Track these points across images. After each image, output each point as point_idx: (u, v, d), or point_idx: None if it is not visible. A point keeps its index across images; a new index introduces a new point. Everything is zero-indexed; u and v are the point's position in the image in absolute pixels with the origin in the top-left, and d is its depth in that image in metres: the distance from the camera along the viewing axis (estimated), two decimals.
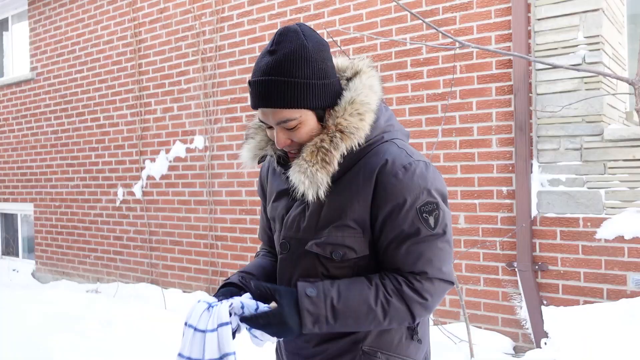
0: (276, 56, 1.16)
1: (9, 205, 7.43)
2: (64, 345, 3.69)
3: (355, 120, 1.19)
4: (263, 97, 1.17)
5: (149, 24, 5.63)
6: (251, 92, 1.20)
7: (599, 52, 3.32)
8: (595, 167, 3.36)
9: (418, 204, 1.17)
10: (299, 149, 1.23)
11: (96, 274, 6.23)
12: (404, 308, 1.18)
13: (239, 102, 4.97)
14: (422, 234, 1.17)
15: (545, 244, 3.53)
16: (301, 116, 1.18)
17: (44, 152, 6.77)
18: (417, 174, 1.18)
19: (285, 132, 1.21)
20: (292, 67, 1.15)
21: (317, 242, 1.23)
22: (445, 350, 3.44)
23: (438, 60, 3.92)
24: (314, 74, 1.18)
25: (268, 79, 1.16)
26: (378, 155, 1.21)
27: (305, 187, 1.19)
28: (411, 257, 1.18)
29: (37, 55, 6.82)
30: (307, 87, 1.17)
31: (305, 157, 1.19)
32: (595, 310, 3.23)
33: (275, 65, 1.16)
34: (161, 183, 5.56)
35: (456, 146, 3.85)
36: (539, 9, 3.50)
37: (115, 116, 5.94)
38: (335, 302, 1.15)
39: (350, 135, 1.18)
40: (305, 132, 1.20)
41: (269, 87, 1.16)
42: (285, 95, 1.15)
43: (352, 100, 1.21)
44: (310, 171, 1.18)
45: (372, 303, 1.16)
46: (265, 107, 1.18)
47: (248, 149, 1.36)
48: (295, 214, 1.29)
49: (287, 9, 4.66)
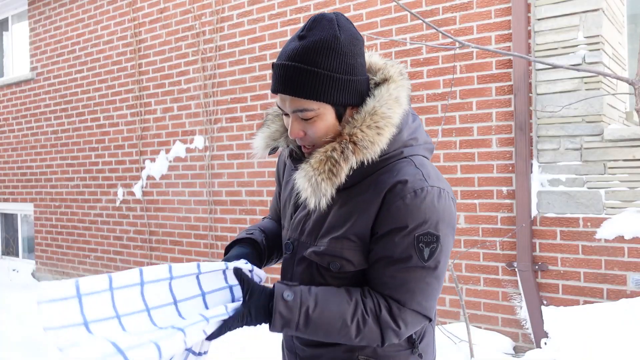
0: (304, 42, 1.11)
1: (9, 205, 7.43)
2: None
3: (371, 134, 1.12)
4: (283, 82, 1.12)
5: (149, 24, 5.63)
6: (273, 76, 1.16)
7: (599, 52, 3.32)
8: (595, 167, 3.36)
9: (417, 232, 1.11)
10: (313, 145, 1.19)
11: (96, 274, 6.22)
12: (378, 331, 1.14)
13: (239, 102, 4.97)
14: (411, 263, 1.12)
15: (545, 244, 3.53)
16: (319, 109, 1.13)
17: (44, 152, 6.77)
18: (426, 202, 1.11)
19: (301, 123, 1.16)
20: (318, 57, 1.10)
21: (316, 251, 1.20)
22: (445, 350, 3.44)
23: (438, 60, 3.92)
24: (341, 68, 1.12)
25: (292, 64, 1.11)
26: (392, 173, 1.15)
27: (308, 195, 1.14)
28: (395, 281, 1.13)
29: (37, 55, 6.82)
30: (331, 80, 1.11)
31: (312, 164, 1.14)
32: (595, 310, 3.23)
33: (302, 51, 1.10)
34: (161, 183, 5.56)
35: (456, 146, 3.85)
36: (539, 9, 3.50)
37: (115, 116, 5.94)
38: (310, 311, 1.12)
39: (362, 150, 1.12)
40: (321, 127, 1.15)
41: (291, 73, 1.10)
42: (306, 85, 1.10)
43: (374, 111, 1.14)
44: (315, 180, 1.13)
45: (347, 319, 1.12)
46: (284, 93, 1.13)
47: (262, 138, 1.30)
48: (301, 216, 1.27)
49: (287, 9, 4.66)
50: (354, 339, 1.14)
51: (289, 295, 1.12)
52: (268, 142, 1.29)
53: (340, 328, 1.13)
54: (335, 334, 1.14)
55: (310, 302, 1.12)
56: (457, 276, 3.79)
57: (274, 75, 1.15)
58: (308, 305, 1.12)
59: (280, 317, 1.11)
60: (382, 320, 1.13)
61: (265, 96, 4.79)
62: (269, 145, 1.29)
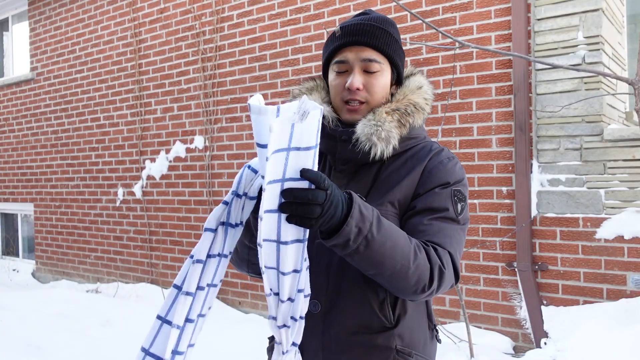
0: (372, 15, 1.28)
1: (9, 205, 7.43)
2: (64, 345, 3.69)
3: (422, 103, 1.29)
4: (360, 33, 1.24)
5: (149, 24, 5.63)
6: (342, 33, 1.25)
7: (599, 52, 3.32)
8: (595, 167, 3.36)
9: (454, 187, 1.24)
10: (362, 103, 1.26)
11: (96, 274, 6.23)
12: (428, 265, 1.12)
13: (239, 102, 4.97)
14: (448, 214, 1.21)
15: (545, 244, 3.53)
16: (384, 64, 1.26)
17: (44, 152, 6.77)
18: (458, 166, 1.27)
19: (363, 76, 1.25)
20: (388, 25, 1.28)
21: None
22: (445, 350, 3.44)
23: (438, 60, 3.92)
24: (400, 41, 1.31)
25: (368, 23, 1.25)
26: (425, 148, 1.29)
27: (378, 139, 1.20)
28: (434, 228, 1.19)
29: (37, 55, 6.82)
30: (397, 45, 1.29)
31: (381, 115, 1.23)
32: (595, 310, 3.23)
33: (375, 17, 1.27)
34: (161, 183, 5.56)
35: (456, 146, 3.85)
36: (539, 9, 3.50)
37: (115, 116, 5.94)
38: (381, 219, 1.07)
39: (421, 111, 1.28)
40: (380, 84, 1.26)
41: (368, 28, 1.24)
42: (381, 38, 1.24)
43: (419, 86, 1.31)
44: (387, 126, 1.21)
45: (407, 240, 1.11)
46: (361, 44, 1.24)
47: None
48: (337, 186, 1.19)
49: (287, 9, 4.66)
50: (411, 265, 1.09)
51: (364, 203, 1.06)
52: None
53: (403, 246, 1.09)
54: (399, 252, 1.08)
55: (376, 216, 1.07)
56: None
57: (347, 31, 1.25)
58: (379, 214, 1.08)
59: (358, 213, 1.02)
60: (430, 256, 1.13)
61: (266, 96, 4.79)
62: None
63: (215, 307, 4.95)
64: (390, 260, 1.07)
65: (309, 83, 1.38)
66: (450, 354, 3.36)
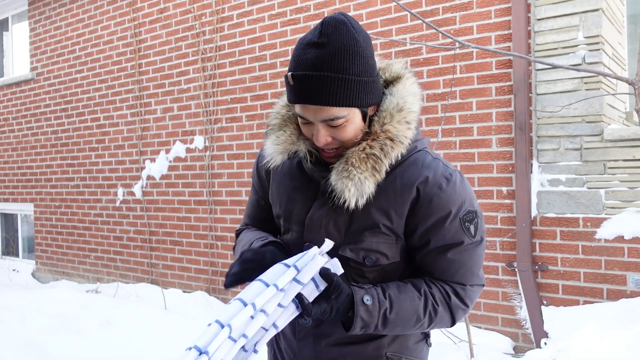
0: (327, 49, 1.08)
1: (9, 205, 7.43)
2: (64, 345, 3.69)
3: (403, 129, 1.17)
4: (310, 93, 1.08)
5: (149, 24, 5.63)
6: (293, 87, 1.11)
7: (599, 52, 3.32)
8: (595, 167, 3.36)
9: (461, 214, 1.18)
10: (337, 148, 1.18)
11: (96, 274, 6.23)
12: (448, 315, 1.21)
13: (239, 102, 4.97)
14: (465, 244, 1.19)
15: (545, 244, 3.53)
16: (349, 114, 1.13)
17: (44, 152, 6.77)
18: (457, 185, 1.19)
19: (328, 130, 1.14)
20: (344, 62, 1.08)
21: (352, 247, 1.20)
22: (445, 350, 3.44)
23: (438, 60, 3.92)
24: (366, 71, 1.12)
25: (318, 74, 1.07)
26: (416, 165, 1.20)
27: (351, 194, 1.14)
28: (454, 266, 1.20)
29: (37, 55, 6.82)
30: (359, 84, 1.10)
31: (354, 164, 1.14)
32: (595, 310, 3.23)
33: (328, 58, 1.07)
34: (161, 183, 5.56)
35: (456, 146, 3.85)
36: (539, 9, 3.50)
37: (115, 116, 5.94)
38: (387, 313, 1.15)
39: (399, 145, 1.16)
40: (350, 131, 1.15)
41: (318, 82, 1.07)
42: (337, 93, 1.08)
43: (400, 107, 1.18)
44: (359, 178, 1.14)
45: (421, 314, 1.18)
46: (312, 104, 1.10)
47: (276, 142, 1.24)
48: (318, 216, 1.23)
49: (287, 9, 4.66)
50: (427, 327, 1.21)
51: (368, 299, 1.14)
52: (286, 147, 1.23)
53: (414, 322, 1.19)
54: (410, 328, 1.20)
55: (386, 304, 1.16)
56: None
57: (297, 87, 1.10)
58: (386, 308, 1.15)
59: (361, 321, 1.13)
60: (452, 305, 1.21)
61: (266, 96, 4.79)
62: (287, 150, 1.24)
63: (215, 307, 4.95)
64: (405, 331, 1.21)
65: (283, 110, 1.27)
66: (450, 354, 3.36)
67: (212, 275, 5.16)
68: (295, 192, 1.29)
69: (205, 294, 5.13)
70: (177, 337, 3.86)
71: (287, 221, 1.31)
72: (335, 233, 1.22)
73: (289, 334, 1.33)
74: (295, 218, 1.28)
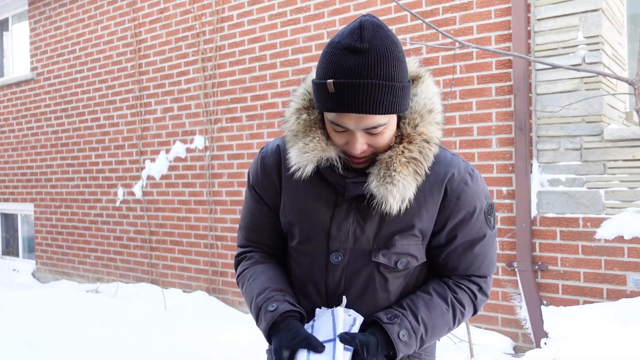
0: (371, 56, 1.02)
1: (9, 205, 7.44)
2: (64, 345, 3.69)
3: (435, 130, 1.17)
4: (356, 101, 1.02)
5: (149, 24, 5.63)
6: (334, 95, 1.03)
7: (599, 52, 3.32)
8: (595, 167, 3.36)
9: (485, 208, 1.22)
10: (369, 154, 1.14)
11: (96, 274, 6.23)
12: (473, 310, 1.27)
13: (239, 102, 4.97)
14: (487, 236, 1.23)
15: (545, 244, 3.53)
16: (389, 121, 1.09)
17: (44, 152, 6.77)
18: (479, 180, 1.23)
19: (366, 137, 1.10)
20: (389, 69, 1.04)
21: (384, 252, 1.19)
22: (445, 350, 3.44)
23: (438, 60, 3.92)
24: (405, 75, 1.08)
25: (364, 82, 1.02)
26: (440, 163, 1.20)
27: (395, 201, 1.11)
28: (479, 259, 1.24)
29: (37, 55, 6.82)
30: (402, 90, 1.07)
31: (396, 169, 1.11)
32: (595, 310, 3.23)
33: (372, 65, 1.02)
34: (161, 183, 5.56)
35: (456, 146, 3.85)
36: (539, 9, 3.50)
37: (115, 116, 5.94)
38: (423, 336, 1.19)
39: (434, 146, 1.16)
40: (387, 137, 1.12)
41: (364, 90, 1.02)
42: (384, 101, 1.03)
43: (430, 109, 1.18)
44: (402, 184, 1.11)
45: (451, 324, 1.24)
46: (358, 113, 1.04)
47: (304, 151, 1.15)
48: (346, 224, 1.20)
49: (287, 9, 4.66)
50: (455, 324, 1.26)
51: (404, 335, 1.16)
52: (316, 155, 1.15)
53: (446, 332, 1.25)
54: (442, 336, 1.26)
55: (421, 329, 1.19)
56: None
57: (337, 94, 1.03)
58: (421, 333, 1.19)
59: (402, 353, 1.16)
60: (477, 302, 1.26)
61: (266, 96, 4.79)
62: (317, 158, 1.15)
63: (215, 307, 4.95)
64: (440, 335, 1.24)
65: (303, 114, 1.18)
66: (450, 354, 3.36)
67: (212, 275, 5.16)
68: (315, 200, 1.23)
69: (205, 294, 5.13)
70: (177, 337, 3.86)
71: (306, 230, 1.25)
72: (363, 239, 1.20)
73: None
74: (318, 226, 1.23)
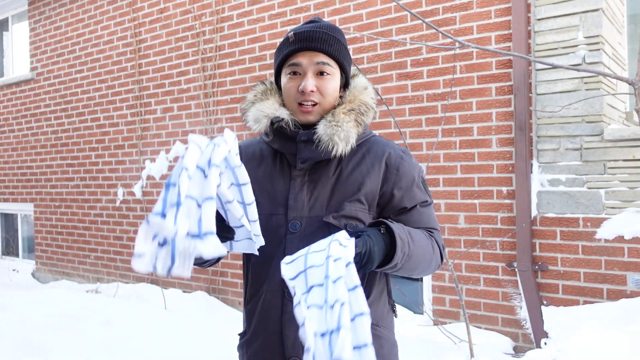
0: (323, 23, 1.37)
1: (9, 205, 7.43)
2: (64, 345, 3.69)
3: (369, 98, 1.39)
4: (313, 39, 1.32)
5: (149, 24, 5.63)
6: (296, 39, 1.33)
7: (599, 52, 3.32)
8: (595, 167, 3.36)
9: (420, 180, 1.41)
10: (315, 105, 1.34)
11: (96, 274, 6.23)
12: (438, 250, 1.40)
13: (239, 102, 4.97)
14: (428, 202, 1.42)
15: (545, 244, 3.53)
16: (334, 69, 1.35)
17: (44, 152, 6.77)
18: (411, 156, 1.44)
19: (316, 79, 1.34)
20: (336, 32, 1.37)
21: (334, 215, 1.34)
22: (445, 350, 3.44)
23: (438, 60, 3.92)
24: (347, 47, 1.40)
25: (320, 30, 1.34)
26: (377, 144, 1.41)
27: (340, 140, 1.30)
28: (425, 217, 1.40)
29: (37, 55, 6.82)
30: (346, 51, 1.38)
31: (339, 116, 1.33)
32: (595, 310, 3.23)
33: (325, 25, 1.36)
34: (161, 183, 5.56)
35: (456, 146, 3.85)
36: (539, 9, 3.50)
37: (115, 116, 5.94)
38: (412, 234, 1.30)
39: (370, 110, 1.38)
40: (331, 86, 1.35)
41: (320, 35, 1.33)
42: (333, 45, 1.34)
43: (365, 86, 1.41)
44: (346, 126, 1.31)
45: (427, 238, 1.36)
46: (314, 49, 1.32)
47: (260, 108, 1.39)
48: (301, 195, 1.36)
49: (287, 9, 4.66)
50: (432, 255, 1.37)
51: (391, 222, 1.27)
52: (272, 112, 1.37)
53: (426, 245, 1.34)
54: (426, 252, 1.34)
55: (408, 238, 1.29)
56: (457, 276, 3.79)
57: (301, 37, 1.33)
58: (409, 230, 1.30)
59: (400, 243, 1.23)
60: (437, 241, 1.41)
61: None
62: (272, 114, 1.37)
63: (215, 307, 4.95)
64: (422, 262, 1.33)
65: (261, 86, 1.44)
66: (450, 354, 3.36)
67: (212, 275, 5.16)
68: (272, 178, 1.40)
69: (205, 294, 5.13)
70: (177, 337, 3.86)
71: (266, 206, 1.38)
72: (317, 207, 1.35)
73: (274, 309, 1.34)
74: (277, 200, 1.38)
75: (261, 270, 1.37)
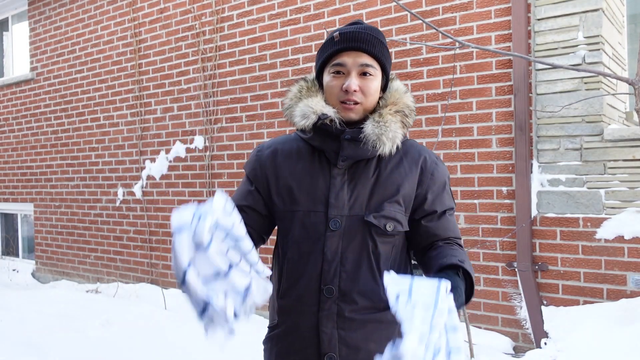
0: (366, 25, 1.41)
1: (9, 205, 7.43)
2: (64, 345, 3.69)
3: (411, 101, 1.43)
4: (358, 40, 1.35)
5: (149, 24, 5.63)
6: (341, 39, 1.36)
7: (599, 52, 3.32)
8: (595, 167, 3.36)
9: (448, 185, 1.46)
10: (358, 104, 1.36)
11: (96, 274, 6.23)
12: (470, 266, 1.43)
13: (239, 102, 4.97)
14: (454, 208, 1.47)
15: (545, 244, 3.53)
16: (377, 70, 1.38)
17: (44, 152, 6.77)
18: (443, 164, 1.49)
19: (359, 79, 1.36)
20: (379, 34, 1.40)
21: (375, 214, 1.36)
22: None
23: (438, 60, 3.92)
24: (388, 50, 1.43)
25: (364, 31, 1.36)
26: (414, 148, 1.45)
27: (388, 139, 1.34)
28: (452, 224, 1.44)
29: (37, 55, 6.82)
30: (387, 53, 1.41)
31: (386, 117, 1.36)
32: (595, 310, 3.23)
33: (368, 27, 1.39)
34: (161, 183, 5.56)
35: (456, 146, 3.85)
36: (539, 9, 3.50)
37: (115, 116, 5.94)
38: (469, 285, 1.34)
39: (412, 113, 1.42)
40: (373, 87, 1.37)
41: (364, 36, 1.36)
42: (376, 46, 1.37)
43: (405, 90, 1.44)
44: (393, 127, 1.35)
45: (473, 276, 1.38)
46: (360, 50, 1.35)
47: (308, 105, 1.39)
48: (342, 193, 1.38)
49: (287, 9, 4.66)
50: None
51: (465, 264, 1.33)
52: (319, 108, 1.37)
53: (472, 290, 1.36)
54: None
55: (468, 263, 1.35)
56: None
57: (347, 37, 1.35)
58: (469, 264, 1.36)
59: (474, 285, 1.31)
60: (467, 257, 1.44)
61: (266, 96, 4.79)
62: (320, 110, 1.37)
63: None
64: None
65: (304, 83, 1.46)
66: None
67: None
68: (312, 175, 1.41)
69: None
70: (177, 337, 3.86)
71: (307, 203, 1.40)
72: (357, 206, 1.38)
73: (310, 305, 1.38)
74: (317, 198, 1.40)
75: (298, 265, 1.39)
